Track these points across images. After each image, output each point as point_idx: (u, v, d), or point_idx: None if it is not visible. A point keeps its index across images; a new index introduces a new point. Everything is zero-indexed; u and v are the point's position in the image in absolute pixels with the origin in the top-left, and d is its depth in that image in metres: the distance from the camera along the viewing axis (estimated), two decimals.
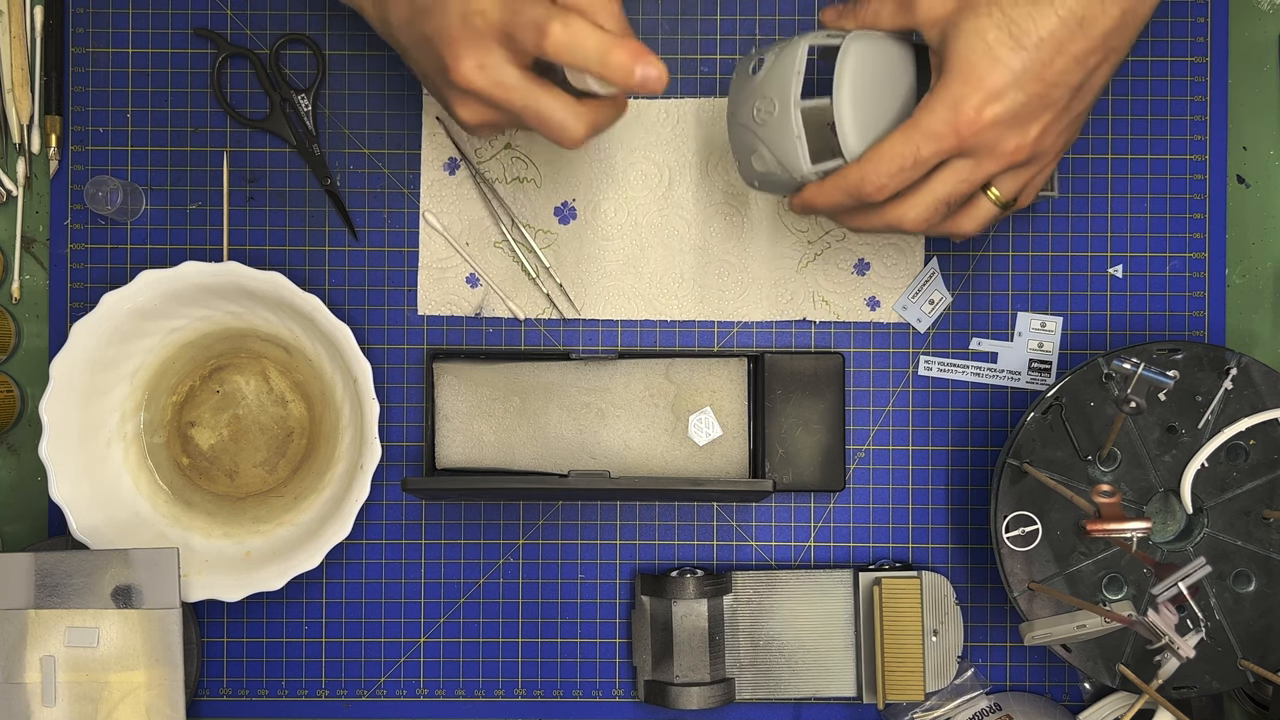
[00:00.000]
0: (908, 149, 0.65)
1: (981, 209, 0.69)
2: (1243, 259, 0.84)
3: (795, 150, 0.68)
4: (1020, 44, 0.63)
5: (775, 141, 0.68)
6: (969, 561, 0.84)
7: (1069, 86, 0.64)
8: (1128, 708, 0.76)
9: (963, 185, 0.66)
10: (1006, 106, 0.63)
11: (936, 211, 0.67)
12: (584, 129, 0.67)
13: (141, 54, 0.84)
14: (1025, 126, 0.65)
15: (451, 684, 0.84)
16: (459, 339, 0.84)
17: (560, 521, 0.84)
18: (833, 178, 0.68)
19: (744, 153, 0.71)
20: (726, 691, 0.81)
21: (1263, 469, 0.75)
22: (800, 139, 0.68)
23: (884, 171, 0.66)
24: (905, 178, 0.66)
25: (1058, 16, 0.63)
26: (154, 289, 0.77)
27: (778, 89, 0.68)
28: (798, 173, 0.69)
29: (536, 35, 0.63)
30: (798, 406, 0.82)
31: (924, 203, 0.67)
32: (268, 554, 0.79)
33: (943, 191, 0.67)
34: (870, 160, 0.66)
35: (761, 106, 0.69)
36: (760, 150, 0.70)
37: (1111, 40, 0.64)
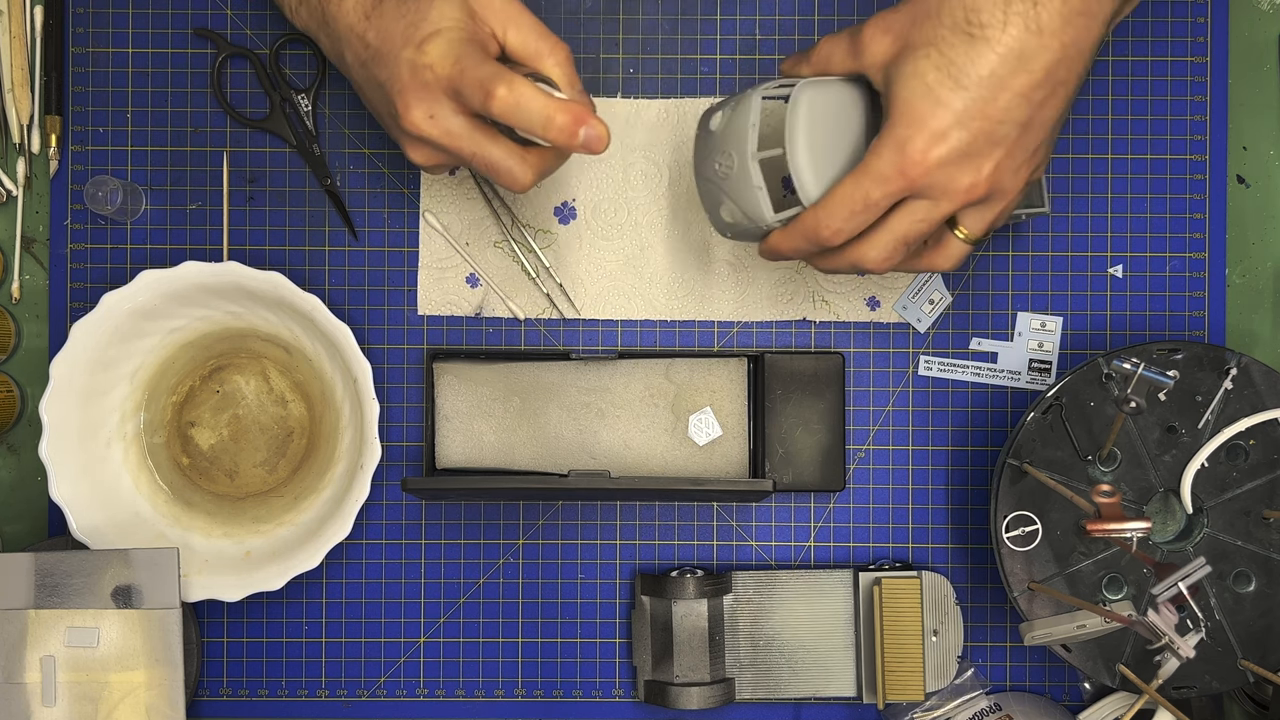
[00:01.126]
0: (858, 193, 0.65)
1: (952, 247, 0.69)
2: (1243, 259, 0.84)
3: (758, 201, 0.69)
4: (960, 84, 0.63)
5: (738, 194, 0.69)
6: (969, 561, 0.84)
7: (1016, 123, 0.64)
8: (1128, 708, 0.76)
9: (920, 225, 0.67)
10: (952, 146, 0.64)
11: (896, 251, 0.68)
12: (530, 176, 0.69)
13: (141, 54, 0.84)
14: (976, 164, 0.65)
15: (451, 684, 0.84)
16: (459, 339, 0.84)
17: (560, 521, 0.84)
18: (792, 225, 0.69)
19: (712, 206, 0.72)
20: (726, 691, 0.81)
21: (1263, 469, 0.75)
22: (761, 190, 0.69)
23: (838, 216, 0.66)
24: (860, 221, 0.66)
25: (996, 54, 0.62)
26: (154, 289, 0.77)
27: (735, 143, 0.69)
28: (762, 222, 0.70)
29: (482, 96, 0.65)
30: (798, 406, 0.82)
31: (882, 242, 0.67)
32: (268, 554, 0.79)
33: (900, 231, 0.67)
34: (824, 206, 0.67)
35: (722, 161, 0.70)
36: (726, 203, 0.71)
37: (1056, 74, 0.64)
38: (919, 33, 0.64)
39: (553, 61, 0.69)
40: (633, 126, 0.84)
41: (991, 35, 0.62)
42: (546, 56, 0.69)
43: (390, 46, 0.68)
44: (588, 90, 0.83)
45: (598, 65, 0.84)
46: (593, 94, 0.84)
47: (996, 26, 0.62)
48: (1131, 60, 0.84)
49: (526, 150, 0.69)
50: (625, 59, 0.84)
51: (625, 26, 0.84)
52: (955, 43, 0.63)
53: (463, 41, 0.67)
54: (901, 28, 0.65)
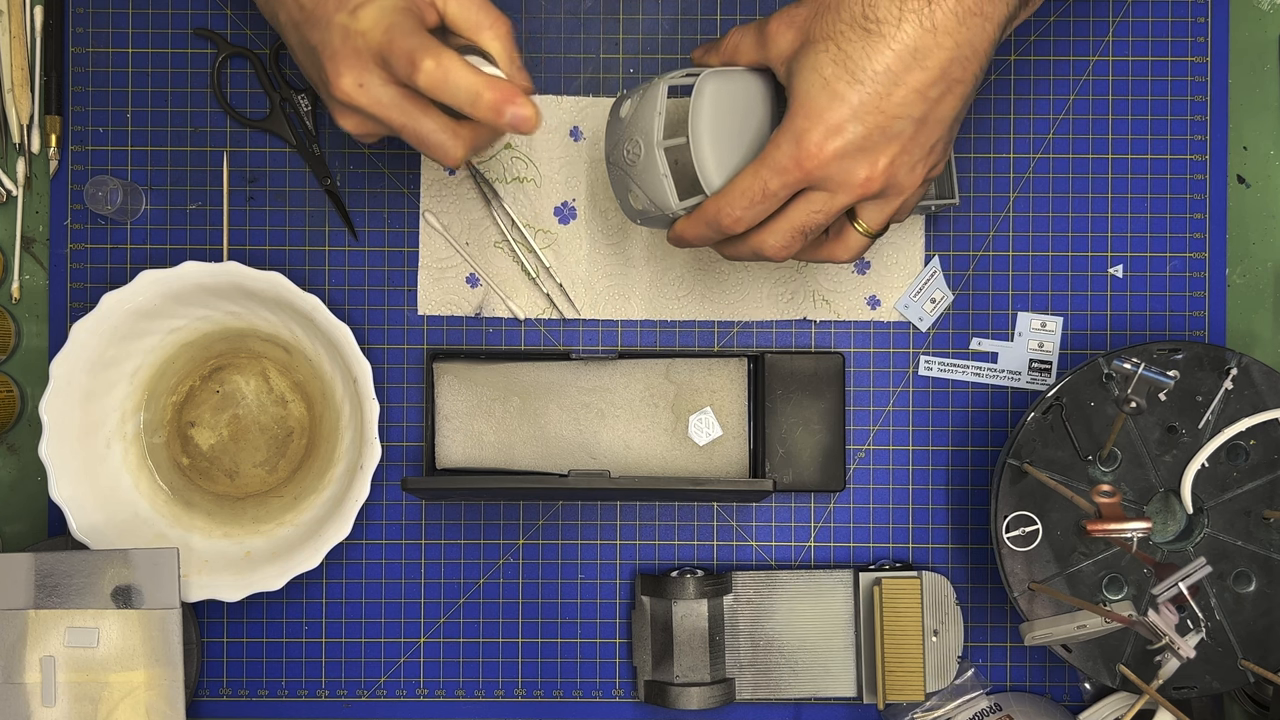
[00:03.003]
0: (756, 183, 0.66)
1: (851, 239, 0.70)
2: (1243, 259, 0.84)
3: (663, 189, 0.70)
4: (856, 78, 0.64)
5: (645, 181, 0.70)
6: (969, 561, 0.84)
7: (911, 119, 0.65)
8: (1128, 708, 0.76)
9: (817, 216, 0.67)
10: (847, 140, 0.64)
11: (794, 239, 0.68)
12: (461, 150, 0.68)
13: (141, 54, 0.84)
14: (872, 158, 0.65)
15: (451, 684, 0.84)
16: (459, 339, 0.84)
17: (560, 521, 0.84)
18: (696, 212, 0.69)
19: (621, 192, 0.73)
20: (726, 692, 0.81)
21: (1263, 469, 0.75)
22: (666, 178, 0.69)
23: (737, 205, 0.67)
24: (759, 210, 0.67)
25: (891, 50, 0.63)
26: (154, 289, 0.77)
27: (642, 131, 0.70)
28: (668, 210, 0.70)
29: (409, 68, 0.65)
30: (798, 406, 0.82)
31: (780, 230, 0.68)
32: (268, 554, 0.79)
33: (798, 221, 0.68)
34: (724, 195, 0.68)
35: (630, 148, 0.71)
36: (634, 190, 0.71)
37: (951, 72, 0.64)
38: (819, 27, 0.65)
39: (492, 35, 0.68)
40: None
41: (887, 31, 0.63)
42: (486, 30, 0.68)
43: (323, 10, 0.67)
44: (588, 91, 0.84)
45: (598, 65, 0.84)
46: (592, 94, 0.84)
47: (892, 23, 0.63)
48: (1131, 60, 0.84)
49: (459, 124, 0.68)
50: (625, 59, 0.84)
51: (625, 26, 0.84)
52: (853, 38, 0.64)
53: (396, 9, 0.66)
54: (803, 21, 0.66)
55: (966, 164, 0.84)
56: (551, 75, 0.84)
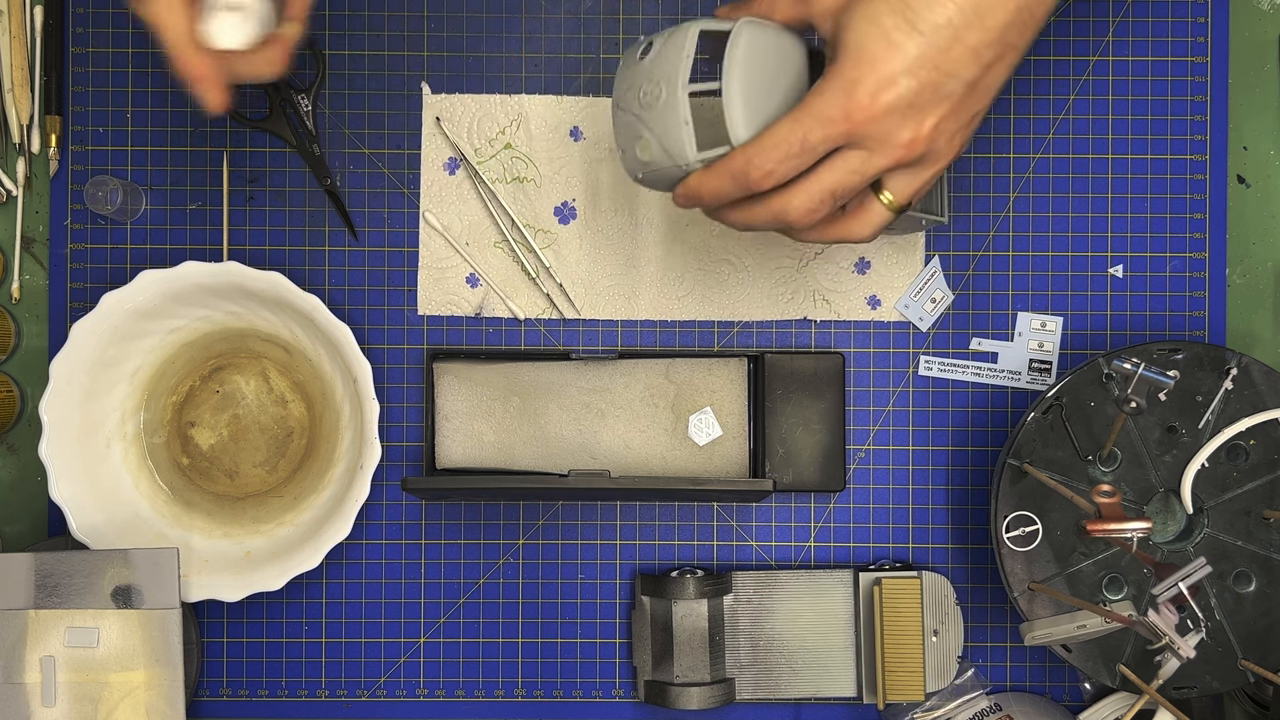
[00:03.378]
0: (796, 133, 0.63)
1: (874, 212, 0.67)
2: (1243, 259, 0.84)
3: (682, 137, 0.65)
4: (916, 28, 0.61)
5: (661, 127, 0.66)
6: (969, 561, 0.84)
7: (964, 80, 0.63)
8: (1128, 708, 0.76)
9: (853, 177, 0.64)
10: (900, 93, 0.62)
11: (823, 203, 0.65)
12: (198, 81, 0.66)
13: (141, 54, 0.84)
14: (919, 118, 0.63)
15: (451, 684, 0.84)
16: (459, 339, 0.84)
17: (560, 521, 0.84)
18: (718, 164, 0.65)
19: (628, 141, 0.68)
20: (726, 691, 0.81)
21: (1263, 469, 0.75)
22: (688, 124, 0.65)
23: (772, 156, 0.63)
24: (794, 165, 0.64)
25: (955, 4, 0.61)
26: (154, 289, 0.77)
27: (665, 73, 0.66)
28: (684, 161, 0.66)
29: None
30: (798, 406, 0.82)
31: (810, 191, 0.65)
32: (268, 554, 0.79)
33: (830, 181, 0.64)
34: (757, 144, 0.64)
35: (648, 90, 0.66)
36: (645, 137, 0.67)
37: (1008, 36, 0.62)
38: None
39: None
40: None
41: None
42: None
43: None
44: (588, 91, 0.84)
45: (597, 65, 0.84)
46: (593, 94, 0.84)
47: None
48: (1131, 60, 0.84)
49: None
50: None
51: (625, 26, 0.84)
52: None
53: None
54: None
55: (967, 164, 0.84)
56: (551, 75, 0.84)
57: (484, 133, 0.84)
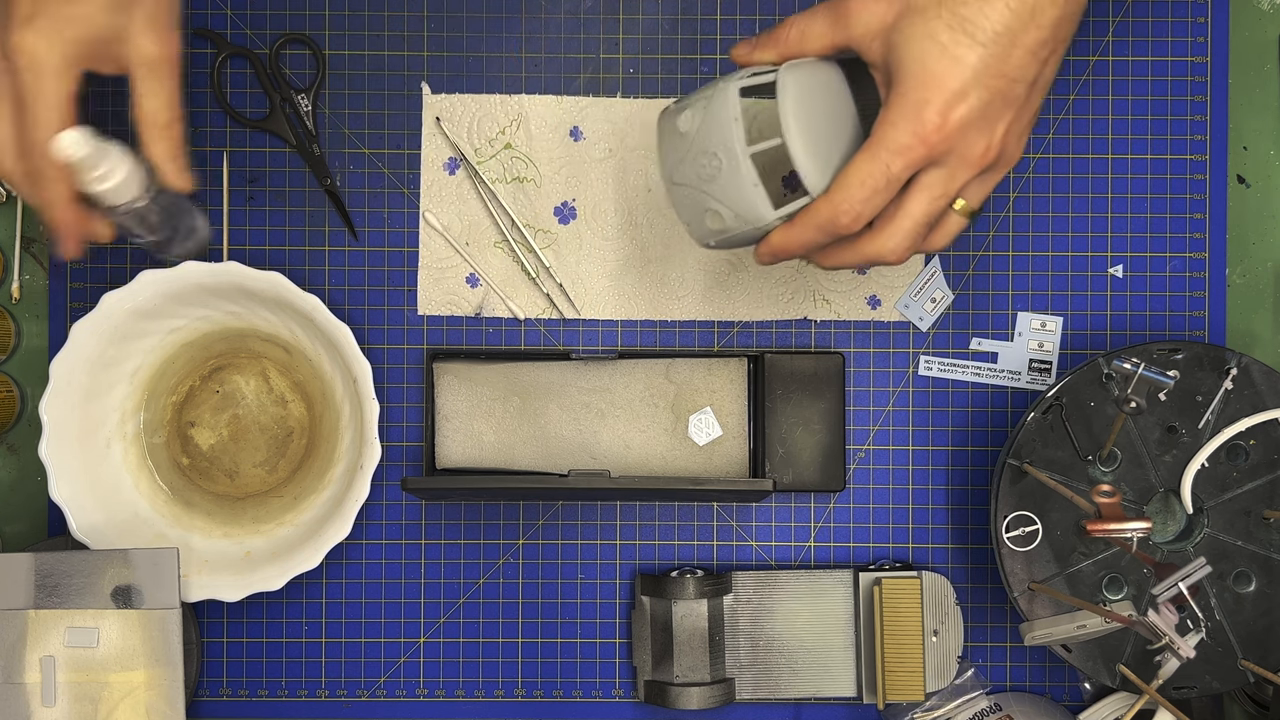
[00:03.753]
0: (877, 168, 0.62)
1: (951, 223, 0.67)
2: (1243, 259, 0.84)
3: (754, 200, 0.65)
4: (975, 39, 0.61)
5: (730, 195, 0.65)
6: (969, 561, 0.84)
7: (1026, 81, 0.62)
8: (1128, 708, 0.76)
9: (939, 201, 0.64)
10: (971, 106, 0.61)
11: (917, 236, 0.65)
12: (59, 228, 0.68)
13: None
14: (991, 127, 0.63)
15: (451, 684, 0.84)
16: (459, 339, 0.84)
17: (560, 521, 0.84)
18: (801, 217, 0.65)
19: (694, 214, 0.67)
20: (726, 691, 0.81)
21: (1263, 469, 0.75)
22: (758, 187, 0.64)
23: (857, 198, 0.63)
24: (879, 200, 0.63)
25: (1008, 9, 0.61)
26: (154, 289, 0.77)
27: (719, 141, 0.64)
28: (761, 223, 0.65)
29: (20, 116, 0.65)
30: (798, 406, 0.82)
31: (903, 229, 0.64)
32: (268, 554, 0.79)
33: (918, 213, 0.64)
34: (839, 189, 0.63)
35: (705, 162, 0.65)
36: (714, 208, 0.66)
37: (1060, 31, 0.62)
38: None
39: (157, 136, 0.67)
40: (633, 126, 0.84)
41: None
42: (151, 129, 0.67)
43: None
44: (588, 91, 0.84)
45: (598, 65, 0.84)
46: (592, 94, 0.84)
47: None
48: (1131, 60, 0.84)
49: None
50: (625, 59, 0.84)
51: (625, 26, 0.84)
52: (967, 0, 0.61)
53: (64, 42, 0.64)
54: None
55: None
56: (551, 75, 0.84)
57: (484, 133, 0.84)
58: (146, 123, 0.68)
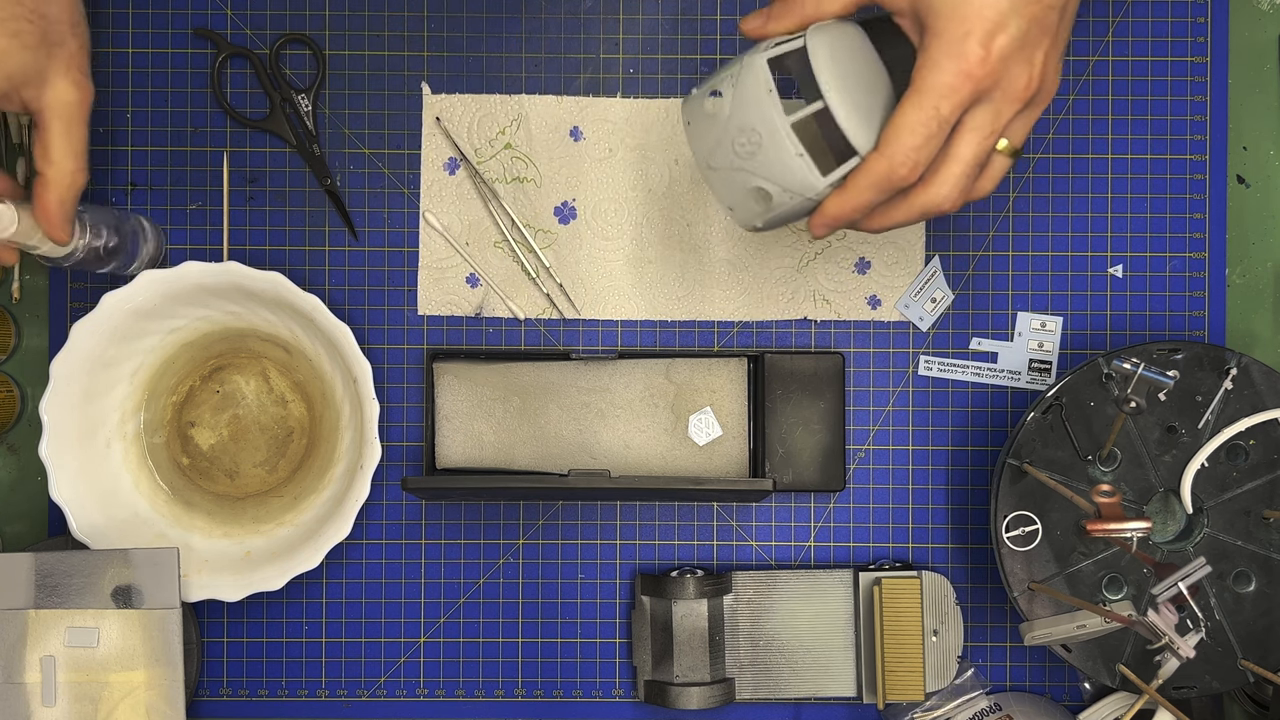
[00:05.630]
0: (925, 113, 0.60)
1: (997, 165, 0.64)
2: (1243, 259, 0.84)
3: (802, 170, 0.62)
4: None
5: (775, 169, 0.63)
6: (969, 561, 0.84)
7: (1056, 8, 0.61)
8: (1128, 708, 0.76)
9: (988, 140, 0.62)
10: (1012, 35, 0.60)
11: (969, 178, 0.62)
12: None
13: (141, 54, 0.84)
14: (1031, 57, 0.61)
15: (451, 684, 0.84)
16: (459, 339, 0.84)
17: (560, 521, 0.84)
18: (854, 179, 0.63)
19: (738, 196, 0.65)
20: (726, 691, 0.81)
21: (1263, 469, 0.75)
22: (803, 155, 0.62)
23: (910, 146, 0.61)
24: (934, 146, 0.61)
25: None
26: (154, 289, 0.77)
27: (755, 116, 0.62)
28: (812, 192, 0.63)
29: None
30: (798, 406, 0.82)
31: (954, 174, 0.62)
32: (268, 554, 0.79)
33: (969, 154, 0.62)
34: (890, 142, 0.61)
35: (742, 141, 0.63)
36: (758, 185, 0.64)
37: None
38: None
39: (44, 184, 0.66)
40: (633, 126, 0.84)
41: None
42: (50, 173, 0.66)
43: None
44: (588, 91, 0.84)
45: (598, 65, 0.84)
46: (592, 94, 0.84)
47: None
48: (1131, 60, 0.84)
49: None
50: (625, 59, 0.84)
51: (625, 26, 0.84)
52: None
53: None
54: None
55: None
56: (551, 75, 0.84)
57: (484, 133, 0.84)
58: (51, 170, 0.67)
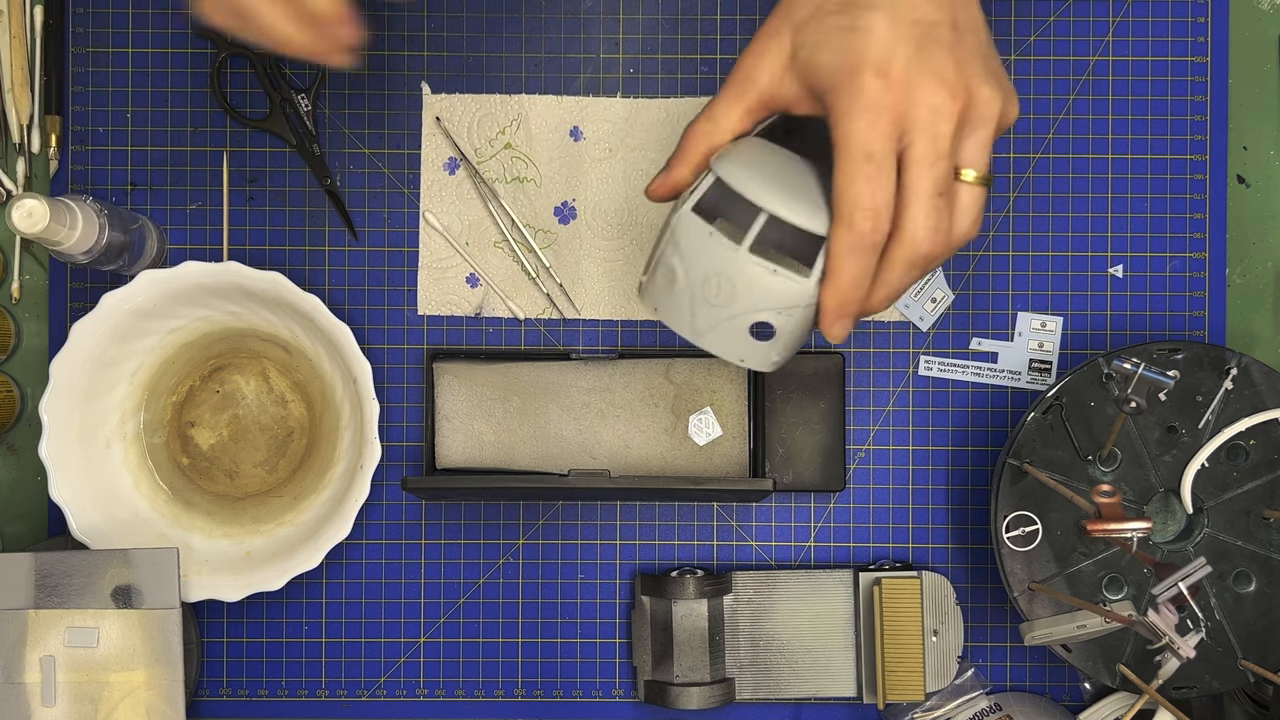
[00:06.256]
0: (856, 163, 0.60)
1: (965, 197, 0.63)
2: (1243, 259, 0.84)
3: (784, 284, 0.61)
4: (867, 6, 0.59)
5: (759, 299, 0.61)
6: (969, 561, 0.84)
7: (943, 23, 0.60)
8: (1128, 708, 0.76)
9: (937, 163, 0.60)
10: (906, 58, 0.59)
11: (938, 211, 0.61)
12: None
13: (141, 54, 0.84)
14: (939, 74, 0.60)
15: (451, 684, 0.84)
16: (459, 339, 0.84)
17: (560, 521, 0.84)
18: (830, 261, 0.61)
19: (741, 344, 0.63)
20: (726, 691, 0.81)
21: (1263, 469, 0.75)
22: (778, 271, 0.61)
23: (860, 196, 0.60)
24: (883, 190, 0.60)
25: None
26: (154, 289, 0.77)
27: (711, 262, 0.61)
28: (806, 299, 0.62)
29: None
30: (798, 406, 0.82)
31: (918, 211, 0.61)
32: (268, 554, 0.79)
33: (925, 185, 0.60)
34: (841, 206, 0.60)
35: (712, 290, 0.62)
36: (753, 320, 0.62)
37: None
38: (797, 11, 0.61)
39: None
40: (633, 126, 0.84)
41: None
42: None
43: None
44: (588, 91, 0.84)
45: (598, 65, 0.84)
46: (592, 94, 0.84)
47: None
48: (1131, 60, 0.84)
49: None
50: (625, 59, 0.84)
51: (625, 26, 0.84)
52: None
53: None
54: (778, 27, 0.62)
55: None
56: (551, 75, 0.84)
57: (484, 133, 0.84)
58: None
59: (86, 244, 0.73)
